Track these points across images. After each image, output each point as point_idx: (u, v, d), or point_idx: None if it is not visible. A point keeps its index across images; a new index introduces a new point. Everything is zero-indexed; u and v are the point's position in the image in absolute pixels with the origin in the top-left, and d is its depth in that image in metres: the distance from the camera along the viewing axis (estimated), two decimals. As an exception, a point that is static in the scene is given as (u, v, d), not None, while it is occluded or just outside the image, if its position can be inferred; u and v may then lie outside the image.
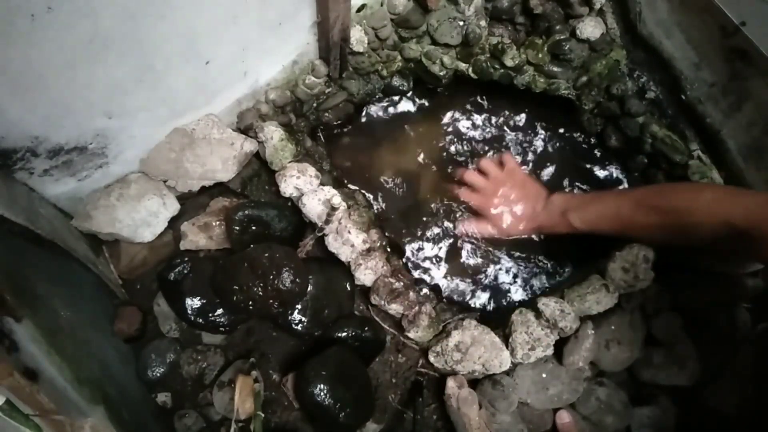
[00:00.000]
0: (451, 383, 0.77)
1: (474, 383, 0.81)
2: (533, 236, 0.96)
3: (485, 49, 0.96)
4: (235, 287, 0.74)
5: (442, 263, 0.97)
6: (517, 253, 0.98)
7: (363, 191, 0.98)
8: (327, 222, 0.81)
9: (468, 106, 1.10)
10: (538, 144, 1.08)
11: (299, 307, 0.79)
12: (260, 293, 0.73)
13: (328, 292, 0.81)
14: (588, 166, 1.06)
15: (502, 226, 0.92)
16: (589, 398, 0.81)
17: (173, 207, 0.85)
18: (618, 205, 0.77)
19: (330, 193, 0.84)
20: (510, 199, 0.92)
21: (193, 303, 0.79)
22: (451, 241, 0.99)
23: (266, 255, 0.74)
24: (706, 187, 0.73)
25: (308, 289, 0.79)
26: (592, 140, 1.06)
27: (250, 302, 0.73)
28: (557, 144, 1.08)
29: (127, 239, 0.82)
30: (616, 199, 0.79)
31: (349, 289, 0.84)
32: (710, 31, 0.78)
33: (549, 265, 0.98)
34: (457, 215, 0.99)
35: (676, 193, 0.73)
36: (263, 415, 0.75)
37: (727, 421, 0.78)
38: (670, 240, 0.75)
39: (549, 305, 0.78)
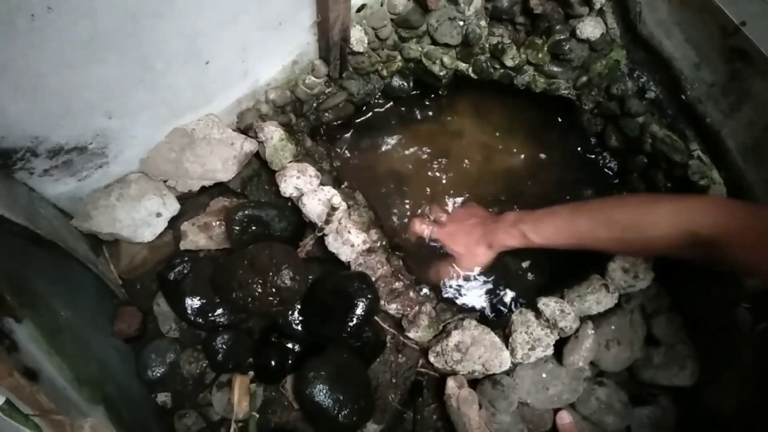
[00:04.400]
0: (451, 383, 0.77)
1: (474, 383, 0.80)
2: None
3: (485, 49, 0.96)
4: (235, 284, 0.74)
5: (442, 263, 0.97)
6: (518, 253, 0.98)
7: (362, 191, 0.98)
8: (327, 222, 0.81)
9: (468, 106, 1.10)
10: (538, 144, 1.08)
11: (299, 306, 0.79)
12: (259, 290, 0.73)
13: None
14: (588, 166, 1.06)
15: (465, 255, 0.88)
16: (589, 398, 0.81)
17: (173, 207, 0.85)
18: (574, 218, 0.74)
19: (330, 193, 0.84)
20: (460, 227, 0.89)
21: (193, 303, 0.79)
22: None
23: (266, 253, 0.75)
24: (665, 198, 0.71)
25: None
26: (592, 140, 1.06)
27: (250, 300, 0.73)
28: (557, 144, 1.08)
29: (127, 239, 0.82)
30: (572, 212, 0.75)
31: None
32: (710, 31, 0.78)
33: (549, 265, 0.98)
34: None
35: (635, 205, 0.71)
36: (257, 416, 0.75)
37: (727, 421, 0.78)
38: (632, 253, 0.74)
39: (549, 305, 0.78)
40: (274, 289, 0.73)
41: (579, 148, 1.07)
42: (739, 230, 0.59)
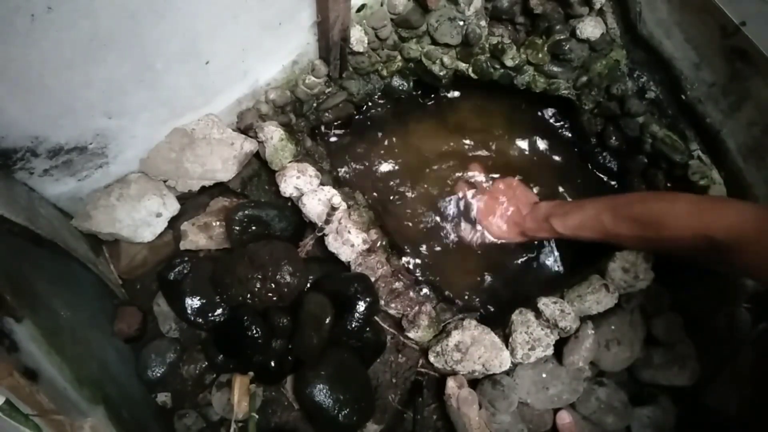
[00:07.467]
0: (451, 383, 0.77)
1: (474, 383, 0.80)
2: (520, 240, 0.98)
3: (485, 49, 0.96)
4: (234, 280, 0.74)
5: (442, 263, 0.97)
6: (518, 254, 0.98)
7: (362, 191, 0.98)
8: (327, 222, 0.81)
9: (467, 106, 1.10)
10: (538, 144, 1.08)
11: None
12: (258, 285, 0.73)
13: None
14: (588, 166, 1.06)
15: (493, 227, 0.97)
16: (589, 398, 0.81)
17: (173, 207, 0.85)
18: (598, 214, 0.78)
19: (330, 193, 0.84)
20: (502, 202, 0.97)
21: (193, 303, 0.79)
22: (450, 240, 0.99)
23: (266, 249, 0.75)
24: (682, 198, 0.71)
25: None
26: (592, 140, 1.06)
27: (249, 295, 0.73)
28: (557, 144, 1.08)
29: (127, 239, 0.82)
30: (596, 208, 0.79)
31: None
32: (710, 31, 0.78)
33: (549, 265, 0.98)
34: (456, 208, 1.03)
35: (653, 203, 0.73)
36: (257, 417, 0.75)
37: (727, 421, 0.78)
38: (652, 250, 0.76)
39: (549, 305, 0.78)
40: (273, 285, 0.73)
41: (579, 148, 1.07)
42: (754, 236, 0.58)
